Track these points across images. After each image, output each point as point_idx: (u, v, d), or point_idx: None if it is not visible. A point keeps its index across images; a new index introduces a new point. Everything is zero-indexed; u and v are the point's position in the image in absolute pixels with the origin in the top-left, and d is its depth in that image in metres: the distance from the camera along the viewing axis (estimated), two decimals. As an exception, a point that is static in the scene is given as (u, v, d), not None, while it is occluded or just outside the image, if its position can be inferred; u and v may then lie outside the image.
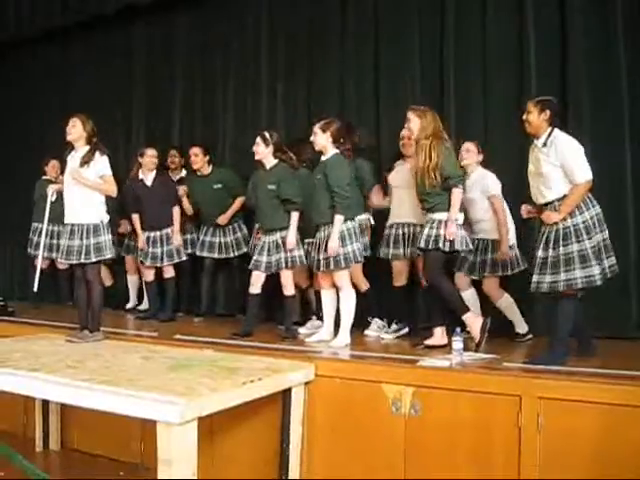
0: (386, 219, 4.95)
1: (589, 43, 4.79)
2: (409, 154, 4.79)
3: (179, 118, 7.02)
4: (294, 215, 4.70)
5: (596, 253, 3.53)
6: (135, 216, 5.97)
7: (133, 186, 6.01)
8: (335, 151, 4.48)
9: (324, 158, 4.50)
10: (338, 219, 4.34)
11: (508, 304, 4.58)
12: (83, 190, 4.54)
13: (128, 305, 6.70)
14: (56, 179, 6.57)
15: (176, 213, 5.91)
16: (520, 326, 4.58)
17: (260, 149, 4.80)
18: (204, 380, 3.31)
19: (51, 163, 6.84)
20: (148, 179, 5.94)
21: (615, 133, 4.69)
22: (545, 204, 3.66)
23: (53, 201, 5.15)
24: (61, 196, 4.78)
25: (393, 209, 4.92)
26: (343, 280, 4.43)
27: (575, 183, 3.54)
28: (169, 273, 5.94)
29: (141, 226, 5.95)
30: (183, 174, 6.40)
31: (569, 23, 4.84)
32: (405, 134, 4.77)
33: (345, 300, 4.45)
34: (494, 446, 3.25)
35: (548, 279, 3.58)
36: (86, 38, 7.71)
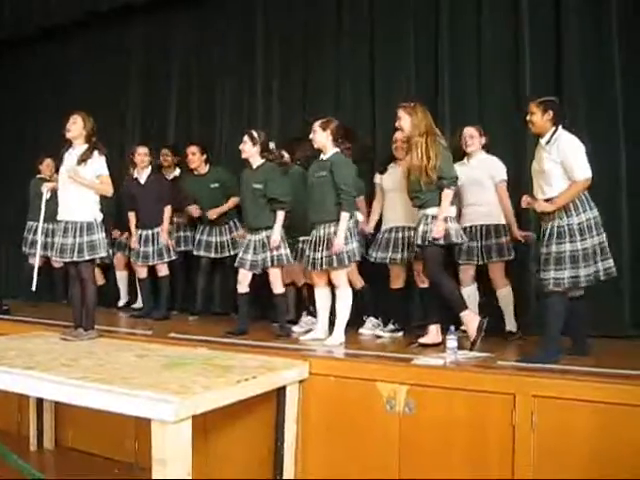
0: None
1: (584, 43, 4.81)
2: (401, 157, 4.78)
3: (175, 117, 7.02)
4: (280, 214, 4.69)
5: (587, 256, 3.56)
6: (131, 214, 5.97)
7: (128, 185, 6.03)
8: (336, 149, 4.46)
9: (325, 157, 4.47)
10: (345, 216, 4.32)
11: (508, 296, 4.59)
12: (78, 188, 4.53)
13: (120, 302, 6.70)
14: (50, 178, 6.56)
15: (167, 212, 5.87)
16: (510, 323, 4.60)
17: (247, 147, 4.79)
18: (198, 378, 3.31)
19: (45, 162, 6.84)
20: (142, 177, 5.94)
21: (610, 133, 4.70)
22: (545, 200, 3.69)
23: (48, 199, 5.14)
24: (55, 194, 4.78)
25: (387, 213, 4.91)
26: (341, 278, 4.42)
27: (573, 180, 3.57)
28: (163, 272, 5.93)
29: (136, 224, 5.94)
30: (177, 173, 6.41)
31: (564, 23, 4.86)
32: (398, 137, 4.77)
33: (342, 299, 4.43)
34: (488, 444, 3.25)
35: (540, 276, 3.63)
36: (82, 37, 7.72)
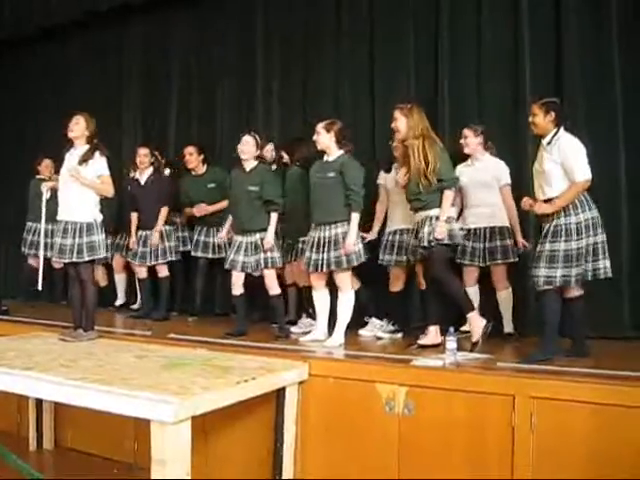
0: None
1: (584, 44, 4.79)
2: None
3: (175, 117, 7.00)
4: (274, 216, 4.71)
5: (580, 255, 3.58)
6: (133, 215, 5.96)
7: (130, 185, 6.04)
8: (341, 151, 4.46)
9: (331, 158, 4.46)
10: (355, 217, 4.33)
11: (508, 298, 4.59)
12: (79, 188, 4.53)
13: (117, 303, 6.69)
14: (50, 178, 6.55)
15: (162, 213, 5.82)
16: (509, 325, 4.61)
17: (249, 149, 4.79)
18: (198, 379, 3.31)
19: (44, 162, 6.82)
20: (142, 178, 5.95)
21: (610, 134, 4.68)
22: (545, 201, 3.70)
23: (48, 199, 5.13)
24: (56, 194, 4.77)
25: (391, 214, 4.92)
26: (345, 280, 4.41)
27: (573, 181, 3.59)
28: (163, 272, 5.93)
29: (138, 225, 5.93)
30: (167, 173, 6.37)
31: (564, 23, 4.85)
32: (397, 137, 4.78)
33: (344, 300, 4.43)
34: (487, 445, 3.25)
35: (532, 273, 3.66)
36: (82, 37, 7.71)
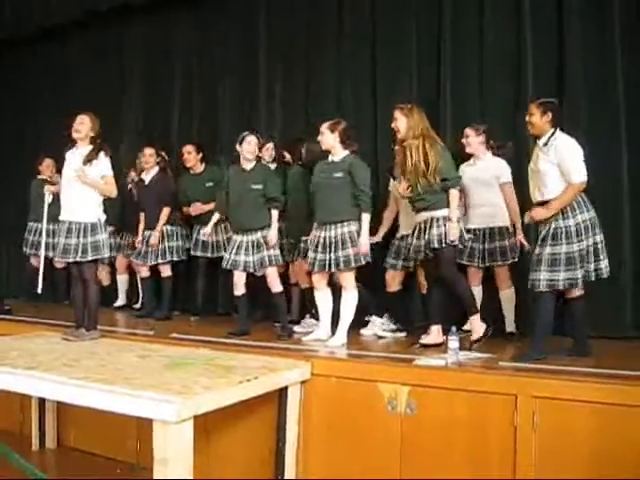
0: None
1: (586, 45, 4.79)
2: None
3: (177, 118, 7.00)
4: (276, 213, 4.74)
5: (583, 257, 3.58)
6: (141, 215, 5.95)
7: (137, 185, 6.08)
8: (347, 152, 4.46)
9: (337, 158, 4.46)
10: (366, 217, 4.34)
11: (510, 297, 4.59)
12: (83, 188, 4.54)
13: (116, 303, 6.69)
14: (51, 178, 6.57)
15: (163, 213, 5.80)
16: (510, 325, 4.61)
17: (254, 149, 4.80)
18: (200, 379, 3.32)
19: (45, 162, 6.82)
20: (147, 178, 5.96)
21: (612, 135, 4.69)
22: (542, 202, 3.70)
23: (50, 202, 5.14)
24: (57, 196, 4.77)
25: (402, 219, 4.92)
26: (349, 280, 4.41)
27: (570, 183, 3.59)
28: (166, 272, 5.93)
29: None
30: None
31: (566, 25, 4.85)
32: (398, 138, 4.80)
33: (348, 300, 4.43)
34: (489, 445, 3.26)
35: (531, 276, 3.65)
36: (83, 37, 7.71)
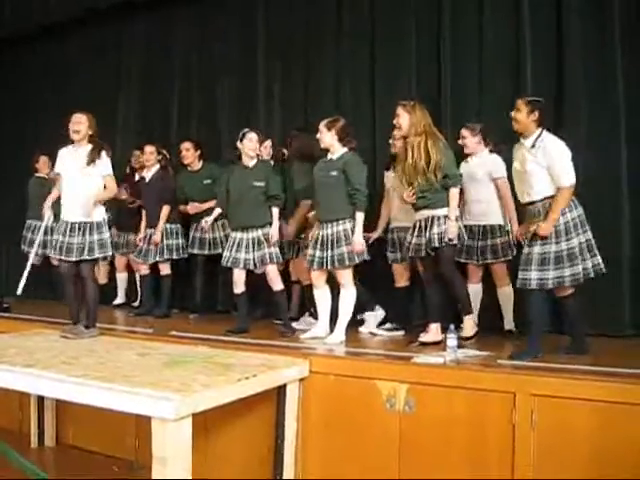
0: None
1: (586, 44, 4.79)
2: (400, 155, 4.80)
3: (176, 116, 6.99)
4: (277, 211, 4.75)
5: (573, 255, 3.58)
6: (144, 212, 5.96)
7: (139, 183, 6.08)
8: (345, 149, 4.46)
9: (335, 156, 4.47)
10: (360, 216, 4.34)
11: (509, 296, 4.59)
12: (88, 187, 4.56)
13: (115, 301, 6.69)
14: (48, 175, 6.55)
15: (164, 211, 5.80)
16: (509, 322, 4.61)
17: (255, 146, 4.80)
18: (199, 376, 3.32)
19: (42, 159, 6.79)
20: (148, 176, 5.96)
21: (612, 133, 4.69)
22: (529, 203, 3.72)
23: (49, 225, 5.11)
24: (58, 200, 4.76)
25: (392, 212, 4.94)
26: (347, 278, 4.42)
27: (560, 186, 3.58)
28: (165, 270, 5.92)
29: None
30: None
31: (565, 24, 4.85)
32: (396, 134, 4.78)
33: (346, 298, 4.43)
34: (488, 443, 3.26)
35: (521, 275, 3.65)
36: (82, 35, 7.70)
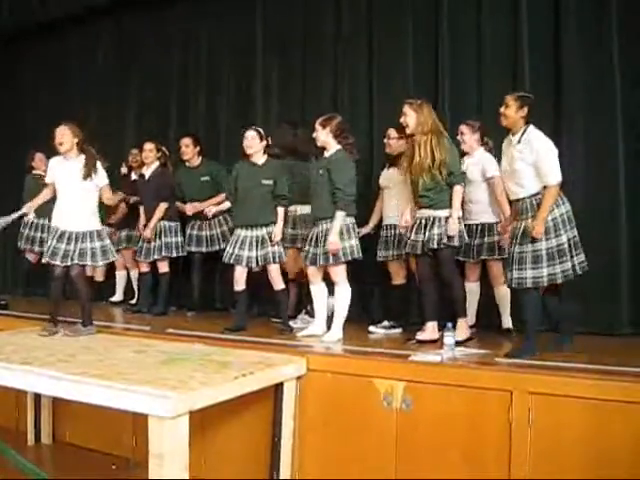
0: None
1: (583, 44, 4.79)
2: (395, 153, 4.84)
3: (175, 114, 6.98)
4: (282, 210, 4.76)
5: (563, 251, 3.58)
6: (141, 208, 5.95)
7: (138, 180, 6.08)
8: (338, 147, 4.46)
9: (326, 155, 4.48)
10: (340, 215, 4.32)
11: (505, 295, 4.57)
12: (87, 198, 4.60)
13: (113, 298, 6.69)
14: (44, 172, 6.53)
15: (159, 208, 5.77)
16: (507, 321, 4.61)
17: (255, 144, 4.80)
18: (196, 374, 3.32)
19: (37, 157, 6.73)
20: (147, 173, 5.94)
21: (609, 132, 4.69)
22: (517, 200, 3.72)
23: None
24: (53, 200, 4.75)
25: (384, 210, 4.95)
26: (340, 275, 4.41)
27: (547, 184, 3.58)
28: (163, 268, 5.90)
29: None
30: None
31: (563, 24, 4.85)
32: (390, 134, 4.84)
33: (340, 295, 4.43)
34: (485, 440, 3.26)
35: (515, 275, 3.63)
36: (80, 33, 7.69)
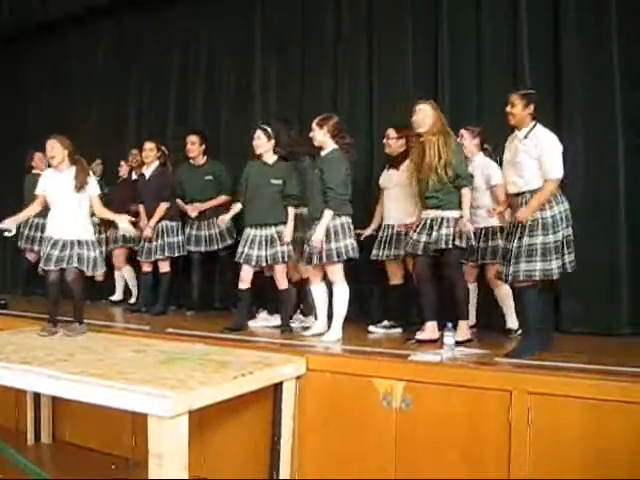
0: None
1: (583, 44, 4.79)
2: (394, 153, 4.85)
3: (174, 113, 6.98)
4: (292, 211, 4.75)
5: (558, 248, 3.60)
6: (140, 207, 5.94)
7: (138, 179, 6.08)
8: (334, 146, 4.46)
9: (323, 153, 4.49)
10: (327, 214, 4.33)
11: (507, 295, 4.55)
12: (81, 208, 4.60)
13: (113, 297, 6.69)
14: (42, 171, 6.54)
15: (160, 207, 5.77)
16: (511, 321, 4.60)
17: (262, 143, 4.81)
18: (195, 374, 3.31)
19: (37, 156, 6.71)
20: (147, 173, 5.94)
21: (608, 130, 4.69)
22: (517, 194, 3.73)
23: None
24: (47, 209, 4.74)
25: (384, 211, 4.94)
26: (337, 274, 4.42)
27: (547, 179, 3.60)
28: (164, 268, 5.90)
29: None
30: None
31: (563, 24, 4.85)
32: (390, 134, 4.83)
33: (338, 295, 4.43)
34: (484, 440, 3.26)
35: (511, 269, 3.64)
36: (80, 33, 7.69)
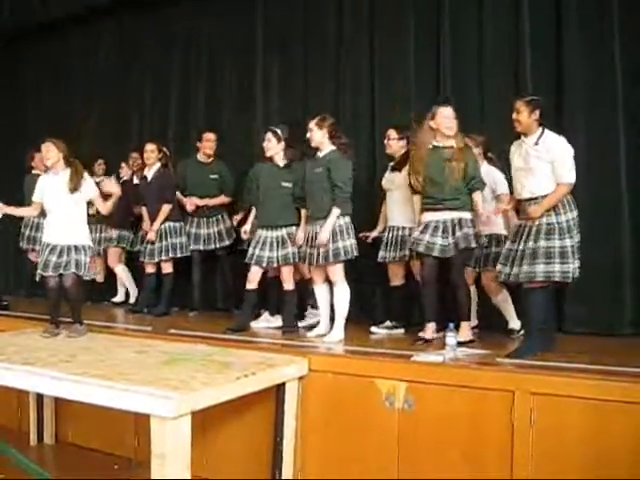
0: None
1: (585, 42, 4.78)
2: (395, 154, 4.84)
3: (174, 113, 6.97)
4: (304, 212, 4.74)
5: (574, 252, 3.62)
6: (143, 209, 5.95)
7: (140, 182, 6.07)
8: (333, 147, 4.47)
9: (322, 154, 4.49)
10: (335, 212, 4.34)
11: (505, 299, 4.59)
12: (76, 212, 4.60)
13: (115, 299, 6.68)
14: (45, 172, 6.53)
15: (163, 209, 5.75)
16: (513, 322, 4.59)
17: (272, 145, 4.80)
18: (198, 375, 3.32)
19: (37, 156, 6.61)
20: (149, 174, 5.93)
21: (610, 131, 4.68)
22: (529, 199, 3.72)
23: None
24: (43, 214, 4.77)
25: (389, 213, 4.91)
26: (338, 274, 4.42)
27: (560, 182, 3.61)
28: (167, 269, 5.88)
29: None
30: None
31: (565, 22, 4.84)
32: (390, 135, 4.81)
33: (339, 295, 4.44)
34: (487, 441, 3.26)
35: (525, 269, 3.63)
36: (81, 33, 7.69)
